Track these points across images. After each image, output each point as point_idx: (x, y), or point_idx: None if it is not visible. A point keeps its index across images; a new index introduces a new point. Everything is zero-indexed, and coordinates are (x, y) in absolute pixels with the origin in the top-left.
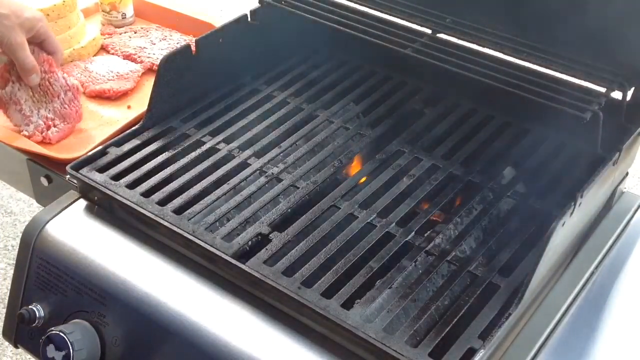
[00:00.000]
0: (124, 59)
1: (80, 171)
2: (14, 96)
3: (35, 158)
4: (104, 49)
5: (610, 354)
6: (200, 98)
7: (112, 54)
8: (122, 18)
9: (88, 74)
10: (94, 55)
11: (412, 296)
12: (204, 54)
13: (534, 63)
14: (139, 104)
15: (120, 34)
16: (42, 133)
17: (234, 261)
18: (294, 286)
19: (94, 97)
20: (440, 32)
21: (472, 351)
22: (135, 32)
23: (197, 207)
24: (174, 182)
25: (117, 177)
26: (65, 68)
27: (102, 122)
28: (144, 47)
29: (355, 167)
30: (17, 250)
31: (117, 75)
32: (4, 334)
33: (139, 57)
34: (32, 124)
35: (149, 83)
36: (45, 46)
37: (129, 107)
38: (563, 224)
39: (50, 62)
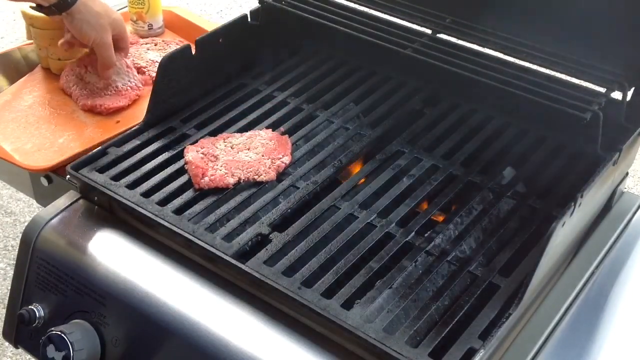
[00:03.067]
0: (137, 72)
1: (80, 171)
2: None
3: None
4: None
5: (610, 354)
6: (200, 98)
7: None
8: (149, 29)
9: (83, 85)
10: None
11: (412, 296)
12: (204, 54)
13: (534, 63)
14: (129, 120)
15: (140, 44)
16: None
17: (234, 261)
18: (294, 286)
19: (86, 110)
20: (440, 32)
21: (472, 351)
22: (155, 45)
23: (197, 207)
24: (174, 182)
25: (117, 178)
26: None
27: (84, 135)
28: (156, 62)
29: (355, 167)
30: (17, 250)
31: (114, 90)
32: (4, 334)
33: (148, 70)
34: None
35: (145, 100)
36: (119, 43)
37: (117, 122)
38: (563, 224)
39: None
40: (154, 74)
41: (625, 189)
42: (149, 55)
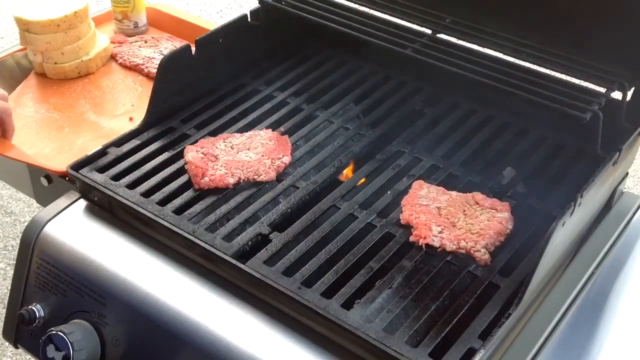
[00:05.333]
0: (131, 68)
1: (81, 171)
2: None
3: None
4: (113, 57)
5: (610, 354)
6: (200, 98)
7: (121, 63)
8: (134, 27)
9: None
10: (103, 65)
11: (412, 296)
12: (204, 54)
13: (534, 63)
14: (142, 116)
15: (131, 42)
16: None
17: (234, 261)
18: (294, 286)
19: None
20: (440, 32)
21: (472, 351)
22: (145, 42)
23: (197, 207)
24: (174, 182)
25: (117, 177)
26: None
27: (101, 134)
28: (152, 58)
29: (355, 167)
30: (17, 250)
31: None
32: (4, 334)
33: (146, 67)
34: None
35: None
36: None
37: (130, 119)
38: (563, 224)
39: None
40: (153, 70)
41: (625, 189)
42: (143, 52)
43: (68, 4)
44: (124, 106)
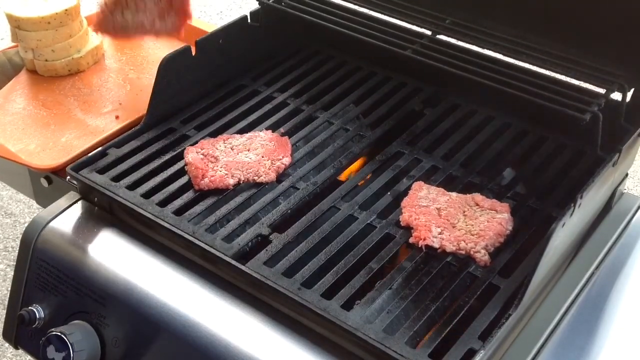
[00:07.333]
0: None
1: (81, 172)
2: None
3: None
4: (104, 55)
5: (610, 354)
6: (200, 99)
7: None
8: None
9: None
10: (94, 63)
11: (412, 297)
12: (204, 55)
13: (533, 64)
14: (128, 115)
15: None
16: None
17: (234, 262)
18: (294, 287)
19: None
20: (440, 34)
21: (472, 352)
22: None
23: (197, 208)
24: (174, 184)
25: (117, 178)
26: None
27: (86, 132)
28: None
29: (355, 168)
30: (17, 251)
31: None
32: (4, 335)
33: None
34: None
35: (142, 94)
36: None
37: (117, 117)
38: (563, 225)
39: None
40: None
41: (625, 189)
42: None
43: (59, 2)
44: (112, 104)
